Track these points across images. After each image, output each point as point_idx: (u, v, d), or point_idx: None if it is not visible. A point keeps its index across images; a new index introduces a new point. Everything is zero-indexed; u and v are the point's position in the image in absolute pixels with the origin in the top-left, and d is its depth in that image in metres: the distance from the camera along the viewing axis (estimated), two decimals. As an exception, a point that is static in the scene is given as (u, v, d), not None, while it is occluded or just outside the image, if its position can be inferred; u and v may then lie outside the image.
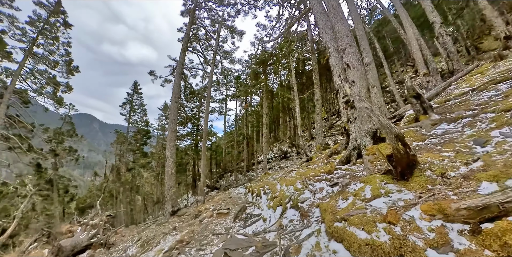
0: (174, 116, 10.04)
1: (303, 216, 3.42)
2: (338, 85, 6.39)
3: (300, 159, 14.54)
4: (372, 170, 3.85)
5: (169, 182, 9.20)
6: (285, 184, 5.02)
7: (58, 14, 15.19)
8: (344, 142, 5.96)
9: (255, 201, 5.64)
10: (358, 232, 2.04)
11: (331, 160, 5.50)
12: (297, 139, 17.43)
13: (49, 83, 14.84)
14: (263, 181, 8.55)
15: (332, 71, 6.71)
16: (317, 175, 4.77)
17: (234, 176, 15.69)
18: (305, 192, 4.10)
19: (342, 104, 6.18)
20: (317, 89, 12.60)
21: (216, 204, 7.00)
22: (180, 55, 11.76)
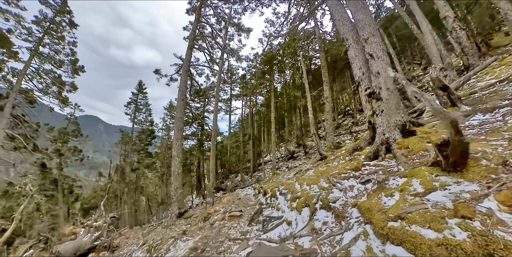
0: (181, 114, 9.64)
1: (338, 218, 2.97)
2: (359, 78, 5.90)
3: (309, 158, 13.98)
4: (410, 163, 3.41)
5: (176, 182, 8.75)
6: (306, 183, 4.52)
7: (64, 13, 15.07)
8: (367, 137, 5.44)
9: (270, 202, 5.13)
10: (423, 231, 1.77)
11: (354, 157, 4.98)
12: (304, 139, 16.87)
13: (55, 83, 14.65)
14: (274, 181, 8.04)
15: (352, 64, 6.22)
16: (343, 172, 4.31)
17: (240, 176, 15.20)
18: (334, 190, 3.67)
19: (364, 97, 5.67)
20: (326, 87, 12.10)
21: (226, 206, 6.51)
22: (187, 52, 11.42)
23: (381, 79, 5.15)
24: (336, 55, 19.43)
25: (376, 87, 5.15)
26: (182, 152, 19.35)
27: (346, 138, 15.47)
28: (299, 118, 17.56)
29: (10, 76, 14.61)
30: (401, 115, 4.89)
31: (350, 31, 6.53)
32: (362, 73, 5.83)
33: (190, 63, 11.48)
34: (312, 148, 16.33)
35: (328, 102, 11.68)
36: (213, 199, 7.17)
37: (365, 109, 5.62)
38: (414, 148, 3.79)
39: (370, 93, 5.44)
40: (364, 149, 5.24)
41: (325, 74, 12.47)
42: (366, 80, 5.72)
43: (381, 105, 4.93)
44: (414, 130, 4.64)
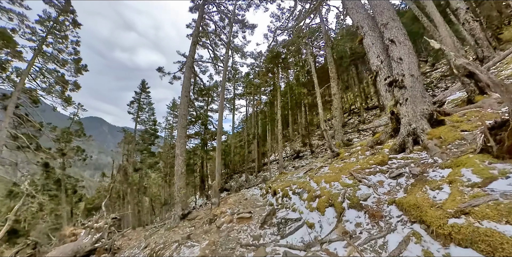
0: (184, 111, 9.23)
1: (374, 217, 2.52)
2: (377, 67, 5.39)
3: (316, 157, 13.41)
4: (450, 153, 2.97)
5: (179, 182, 8.30)
6: (324, 180, 4.03)
7: (68, 13, 14.94)
8: (388, 130, 4.92)
9: (283, 202, 4.63)
10: (502, 228, 1.46)
11: (376, 151, 4.46)
12: (310, 138, 16.31)
13: (58, 82, 14.47)
14: (283, 180, 7.52)
15: (368, 52, 5.72)
16: (366, 167, 3.86)
17: (244, 176, 14.70)
18: (361, 187, 3.25)
19: (384, 87, 5.16)
20: (334, 83, 11.59)
21: (232, 207, 6.02)
22: (190, 48, 11.05)
23: (404, 65, 4.64)
24: (341, 52, 18.93)
25: (399, 74, 4.65)
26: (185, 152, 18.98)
27: (353, 136, 14.87)
28: (304, 116, 17.03)
29: (14, 75, 14.47)
30: (427, 104, 4.39)
31: (365, 19, 6.05)
32: (380, 62, 5.32)
33: (194, 60, 11.11)
34: (319, 147, 15.75)
35: (336, 99, 11.15)
36: (219, 200, 6.70)
37: (385, 100, 5.10)
38: (447, 138, 3.42)
39: (391, 82, 4.93)
40: (386, 142, 4.73)
41: (332, 70, 11.96)
42: (386, 68, 5.22)
43: (405, 94, 4.42)
44: (442, 119, 4.17)
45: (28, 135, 13.30)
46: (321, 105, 8.64)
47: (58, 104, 14.61)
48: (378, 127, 15.43)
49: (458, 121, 4.05)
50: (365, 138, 13.84)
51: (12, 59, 14.03)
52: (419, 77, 4.59)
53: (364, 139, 13.11)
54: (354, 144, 10.91)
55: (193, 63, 11.00)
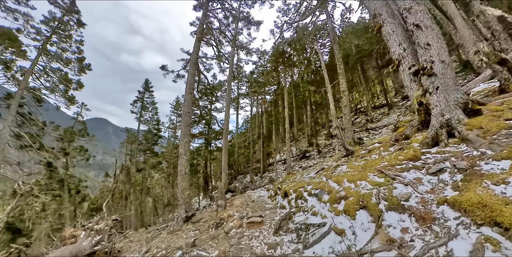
0: (188, 109, 8.83)
1: (423, 221, 2.09)
2: (400, 55, 4.88)
3: (323, 158, 12.84)
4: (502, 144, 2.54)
5: (182, 183, 7.85)
6: (347, 179, 3.54)
7: (72, 13, 14.86)
8: (415, 123, 4.38)
9: (298, 205, 4.12)
10: None
11: (404, 146, 3.94)
12: (316, 137, 15.74)
13: (61, 81, 14.31)
14: (293, 181, 7.00)
15: (388, 41, 5.22)
16: (396, 164, 3.40)
17: (249, 177, 14.18)
18: (396, 185, 2.80)
19: (408, 77, 4.65)
20: (343, 80, 11.07)
21: (240, 210, 5.53)
22: (195, 45, 10.72)
23: (432, 51, 4.13)
24: (347, 50, 18.41)
25: (427, 61, 4.13)
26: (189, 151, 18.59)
27: (362, 135, 14.26)
28: (311, 116, 16.46)
29: (18, 74, 14.37)
30: (460, 92, 3.87)
31: (383, 6, 5.56)
32: (403, 50, 4.82)
33: (198, 56, 10.75)
34: (326, 147, 15.17)
35: (345, 96, 10.63)
36: (225, 202, 6.21)
37: (410, 91, 4.58)
38: (490, 128, 3.04)
39: (417, 71, 4.42)
40: (413, 136, 4.20)
41: (341, 67, 11.45)
42: (409, 57, 4.71)
43: (436, 82, 3.91)
44: (478, 109, 3.67)
45: (31, 134, 13.10)
46: (332, 101, 8.13)
47: (61, 103, 14.45)
48: (388, 126, 14.79)
49: (497, 111, 3.57)
50: (374, 136, 13.22)
51: (17, 59, 13.95)
52: (450, 63, 4.08)
53: (373, 138, 12.51)
54: (365, 142, 10.34)
55: (197, 59, 10.65)
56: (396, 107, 18.47)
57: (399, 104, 18.84)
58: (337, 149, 13.94)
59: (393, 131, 5.31)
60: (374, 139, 12.19)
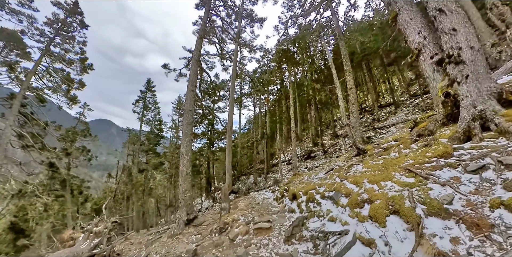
0: (190, 107, 8.50)
1: (478, 229, 1.67)
2: (420, 44, 4.43)
3: (330, 158, 12.33)
4: None
5: (184, 184, 7.48)
6: (368, 180, 3.11)
7: (75, 14, 14.81)
8: (439, 116, 3.91)
9: (310, 209, 3.69)
10: None
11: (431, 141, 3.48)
12: (321, 138, 15.23)
13: (64, 80, 14.20)
14: (301, 182, 6.56)
15: (405, 30, 4.78)
16: (424, 161, 3.00)
17: (253, 178, 13.74)
18: (430, 186, 2.39)
19: (430, 67, 4.19)
20: (350, 77, 10.60)
21: (245, 213, 5.11)
22: (197, 42, 10.42)
23: (459, 36, 3.67)
24: (352, 47, 17.93)
25: (453, 48, 3.68)
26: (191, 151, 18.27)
27: (369, 134, 13.72)
28: (315, 115, 15.96)
29: (22, 75, 14.31)
30: (493, 81, 3.41)
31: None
32: (423, 38, 4.37)
33: (200, 54, 10.45)
34: (331, 147, 14.65)
35: (353, 93, 10.15)
36: (230, 205, 5.79)
37: (432, 82, 4.13)
38: None
39: (441, 59, 3.96)
40: (439, 131, 3.74)
41: (347, 63, 11.00)
42: (431, 45, 4.26)
43: (465, 70, 3.45)
44: None
45: (33, 134, 12.95)
46: (341, 97, 7.69)
47: (63, 103, 14.32)
48: (396, 124, 14.22)
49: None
50: (382, 136, 12.68)
51: (21, 60, 13.91)
52: (480, 49, 3.62)
53: (381, 137, 11.97)
54: (375, 141, 9.83)
55: (199, 57, 10.34)
56: (403, 106, 17.86)
57: (406, 103, 18.23)
58: (343, 148, 13.41)
59: (411, 127, 4.84)
60: (382, 138, 11.65)
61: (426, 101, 16.00)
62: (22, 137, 12.54)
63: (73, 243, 8.56)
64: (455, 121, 3.62)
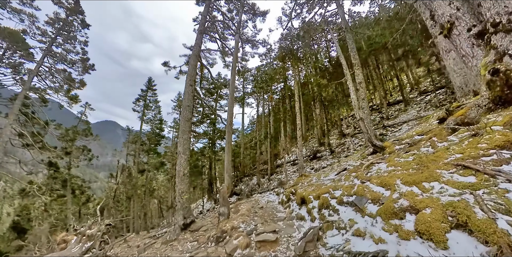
0: (189, 102, 7.93)
1: None
2: (453, 16, 3.67)
3: (337, 158, 11.49)
4: None
5: (181, 185, 6.86)
6: (402, 181, 2.38)
7: (77, 13, 14.65)
8: (483, 101, 3.14)
9: (324, 217, 2.97)
10: None
11: (475, 131, 2.71)
12: (328, 137, 14.39)
13: (65, 80, 13.98)
14: (309, 184, 5.82)
15: (432, 2, 4.06)
16: (480, 155, 2.31)
17: (256, 179, 13.04)
18: (505, 186, 1.62)
19: (466, 42, 3.43)
20: (359, 71, 9.83)
21: (246, 219, 4.42)
22: (197, 37, 9.91)
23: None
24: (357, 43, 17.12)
25: (500, 14, 2.92)
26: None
27: (379, 132, 12.81)
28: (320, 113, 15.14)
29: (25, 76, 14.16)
30: None
31: (421, -36, 4.43)
32: (456, 9, 3.62)
33: (200, 49, 9.93)
34: (339, 146, 13.79)
35: (362, 88, 9.36)
36: (229, 210, 5.11)
37: (471, 60, 3.37)
38: None
39: (482, 31, 3.21)
40: (484, 119, 2.97)
41: (355, 57, 10.24)
42: (466, 16, 3.50)
43: (525, 42, 2.69)
44: None
45: (33, 133, 12.70)
46: (353, 89, 6.94)
47: (64, 102, 14.07)
48: (408, 122, 13.28)
49: None
50: (394, 134, 11.77)
51: (25, 61, 13.78)
52: None
53: (393, 135, 11.08)
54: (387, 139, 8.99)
55: (199, 52, 9.81)
56: (413, 103, 16.84)
57: (416, 100, 17.20)
58: (352, 148, 12.55)
59: (440, 118, 4.07)
60: (394, 136, 10.76)
61: (439, 97, 14.97)
62: (22, 135, 12.30)
63: (65, 246, 8.06)
64: (506, 105, 2.86)
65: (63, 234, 8.38)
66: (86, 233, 7.89)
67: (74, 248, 7.57)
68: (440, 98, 14.71)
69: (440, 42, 5.58)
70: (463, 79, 4.89)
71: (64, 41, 14.30)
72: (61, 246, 8.11)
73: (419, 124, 9.75)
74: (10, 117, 11.61)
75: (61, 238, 8.23)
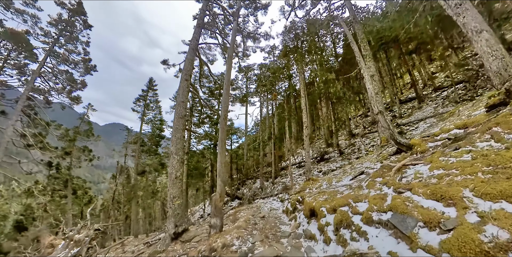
0: (183, 98, 7.23)
1: None
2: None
3: (348, 159, 10.39)
4: None
5: (172, 189, 6.08)
6: (474, 191, 1.42)
7: (79, 14, 14.57)
8: None
9: (351, 243, 2.04)
10: None
11: None
12: (337, 137, 13.28)
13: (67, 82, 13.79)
14: (319, 190, 4.89)
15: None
16: None
17: (259, 183, 12.13)
18: None
19: None
20: (370, 63, 8.84)
21: (242, 234, 3.54)
22: (195, 30, 9.33)
23: None
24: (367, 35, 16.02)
25: None
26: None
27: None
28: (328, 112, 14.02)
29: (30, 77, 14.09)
30: None
31: None
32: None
33: (198, 42, 9.30)
34: (348, 147, 12.65)
35: (376, 81, 8.34)
36: (222, 221, 4.22)
37: None
38: None
39: None
40: None
41: (366, 47, 9.28)
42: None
43: None
44: None
45: (35, 133, 12.48)
46: (369, 77, 5.96)
47: (66, 103, 13.87)
48: (424, 119, 12.01)
49: None
50: (411, 132, 10.57)
51: (29, 62, 13.74)
52: None
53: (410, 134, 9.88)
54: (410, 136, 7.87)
55: (197, 46, 9.19)
56: (428, 100, 15.47)
57: (431, 96, 15.81)
58: (363, 148, 11.41)
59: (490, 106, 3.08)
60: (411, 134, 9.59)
61: (458, 92, 13.58)
62: (25, 136, 12.09)
63: (51, 251, 7.47)
64: None
65: (52, 238, 7.79)
66: (74, 238, 7.26)
67: (60, 253, 6.94)
68: (460, 93, 13.33)
69: (469, 23, 4.58)
70: (501, 63, 3.92)
71: (66, 42, 14.18)
72: (48, 250, 7.53)
73: (443, 120, 8.57)
74: (12, 117, 11.43)
75: (49, 242, 7.66)
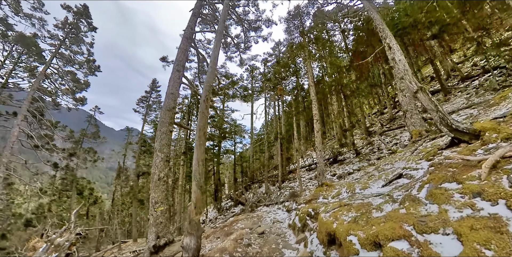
0: (173, 90, 6.28)
1: None
2: None
3: (367, 160, 8.69)
4: None
5: (154, 193, 4.98)
6: None
7: (84, 17, 14.71)
8: None
9: None
10: None
11: None
12: (352, 136, 11.56)
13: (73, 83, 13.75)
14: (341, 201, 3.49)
15: None
16: None
17: (265, 187, 10.75)
18: None
19: None
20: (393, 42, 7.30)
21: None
22: (190, 19, 8.52)
23: None
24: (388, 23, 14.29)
25: None
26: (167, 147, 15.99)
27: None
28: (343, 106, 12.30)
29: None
30: None
31: None
32: None
33: (193, 31, 8.45)
34: (366, 147, 10.88)
35: (403, 65, 6.77)
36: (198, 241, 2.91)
37: None
38: None
39: None
40: None
41: (385, 30, 7.76)
42: None
43: None
44: None
45: (40, 134, 12.36)
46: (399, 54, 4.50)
47: (70, 104, 13.76)
48: (456, 111, 9.98)
49: None
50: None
51: (38, 64, 13.95)
52: None
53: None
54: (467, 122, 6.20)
55: (192, 34, 8.32)
56: (457, 91, 13.23)
57: (459, 87, 13.54)
58: (384, 147, 9.62)
59: None
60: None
61: (496, 78, 11.33)
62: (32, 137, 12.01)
63: (32, 254, 6.71)
64: None
65: (35, 240, 7.06)
66: (55, 241, 6.42)
67: None
68: (498, 80, 11.12)
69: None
70: None
71: (71, 43, 14.26)
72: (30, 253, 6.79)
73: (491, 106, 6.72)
74: (18, 117, 11.39)
75: (33, 244, 6.92)
